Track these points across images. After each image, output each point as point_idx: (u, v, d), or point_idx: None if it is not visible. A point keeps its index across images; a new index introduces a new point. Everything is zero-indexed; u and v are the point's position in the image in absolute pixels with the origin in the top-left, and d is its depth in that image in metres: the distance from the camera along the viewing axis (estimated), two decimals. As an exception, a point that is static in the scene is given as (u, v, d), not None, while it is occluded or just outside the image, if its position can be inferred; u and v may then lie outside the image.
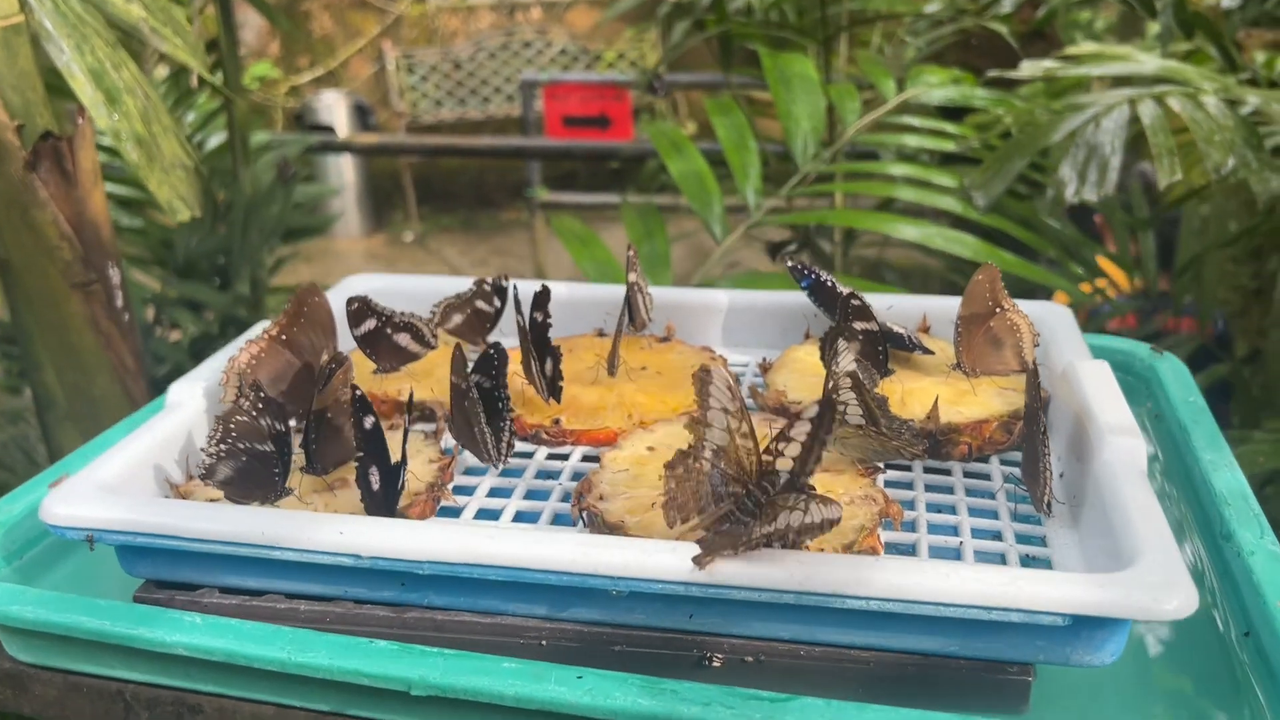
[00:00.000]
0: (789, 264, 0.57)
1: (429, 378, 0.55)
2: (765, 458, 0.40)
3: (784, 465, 0.39)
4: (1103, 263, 1.41)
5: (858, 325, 0.51)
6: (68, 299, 0.80)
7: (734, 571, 0.36)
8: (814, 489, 0.39)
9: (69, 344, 0.82)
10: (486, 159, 4.61)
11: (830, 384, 0.44)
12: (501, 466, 0.48)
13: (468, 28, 4.64)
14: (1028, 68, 1.24)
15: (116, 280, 0.82)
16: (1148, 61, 1.24)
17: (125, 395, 0.86)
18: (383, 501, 0.42)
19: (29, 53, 0.75)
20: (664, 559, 0.36)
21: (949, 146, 1.14)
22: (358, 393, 0.43)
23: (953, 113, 1.28)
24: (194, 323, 1.69)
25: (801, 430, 0.39)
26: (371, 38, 4.56)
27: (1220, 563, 0.42)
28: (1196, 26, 1.27)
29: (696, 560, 0.36)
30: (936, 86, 1.22)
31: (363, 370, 0.55)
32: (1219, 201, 1.54)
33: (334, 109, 4.22)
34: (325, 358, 0.50)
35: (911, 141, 1.15)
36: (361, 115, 4.27)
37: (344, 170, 4.23)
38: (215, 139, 1.71)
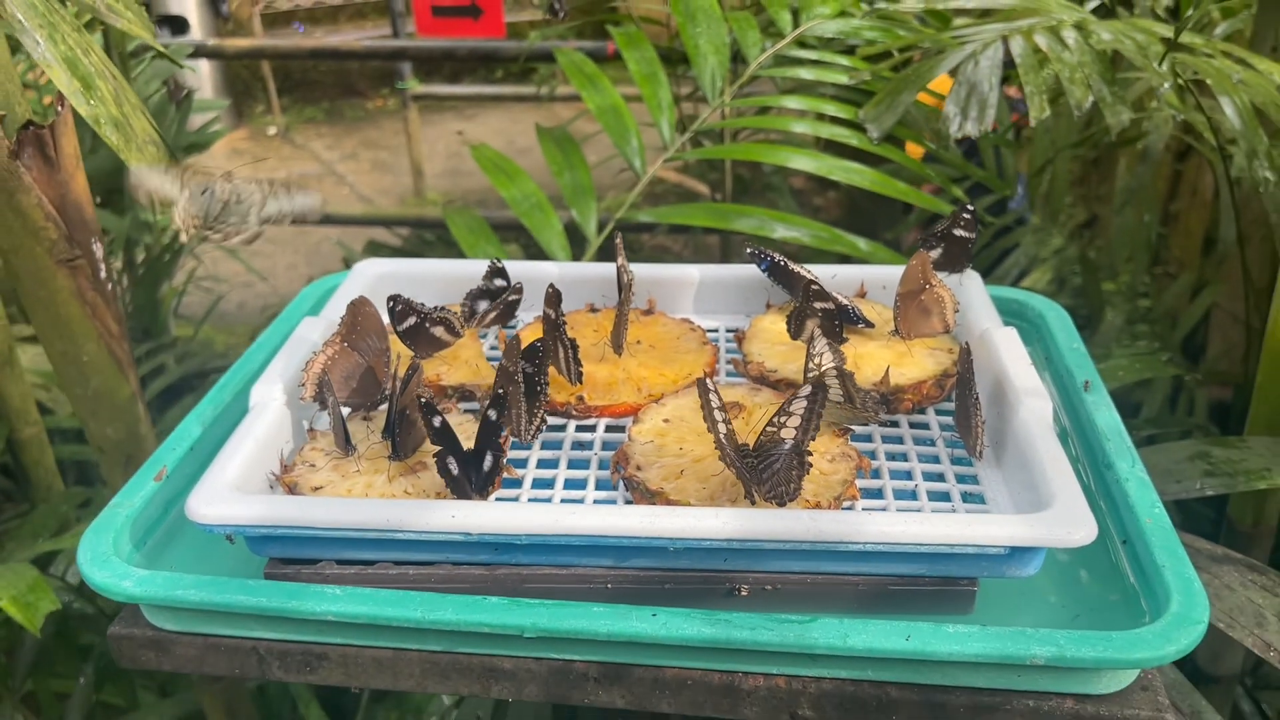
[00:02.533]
0: (749, 250, 0.68)
1: (456, 360, 0.64)
2: (769, 429, 0.52)
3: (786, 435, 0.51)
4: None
5: (817, 305, 0.62)
6: (54, 275, 0.85)
7: (764, 528, 0.48)
8: (810, 452, 0.51)
9: (57, 316, 0.87)
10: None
11: (813, 370, 0.56)
12: (529, 441, 0.58)
13: (319, -93, 4.43)
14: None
15: (99, 254, 0.87)
16: (1013, -10, 1.36)
17: (111, 358, 0.91)
18: (468, 483, 0.52)
19: (4, 46, 0.78)
20: (712, 523, 0.48)
21: (843, 79, 1.24)
22: (424, 399, 0.52)
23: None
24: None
25: (799, 406, 0.51)
26: (216, -81, 4.31)
27: (1103, 486, 0.56)
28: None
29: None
30: (829, 18, 1.32)
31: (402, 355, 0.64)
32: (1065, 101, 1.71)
33: (183, -4, 4.01)
34: (395, 363, 0.59)
35: (808, 75, 1.25)
36: (213, 3, 4.08)
37: (199, 60, 4.04)
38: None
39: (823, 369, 0.56)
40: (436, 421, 0.52)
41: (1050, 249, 1.91)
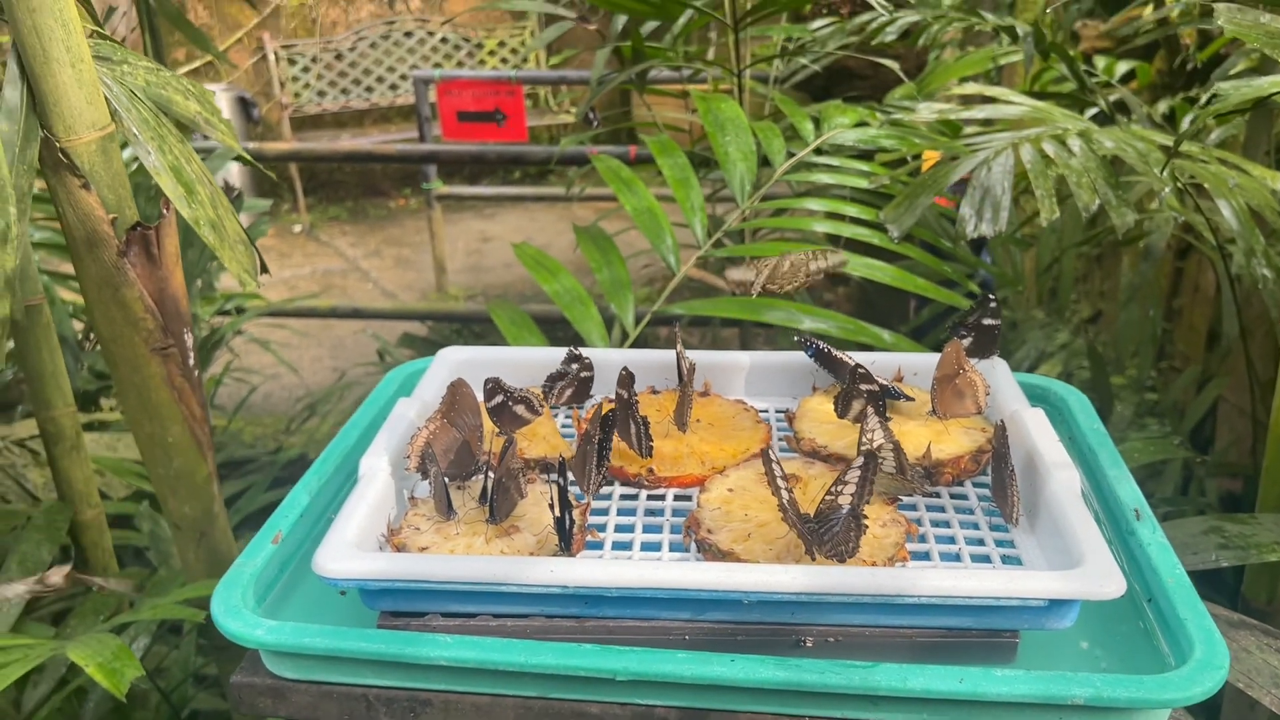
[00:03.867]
0: (796, 338, 0.75)
1: (535, 436, 0.71)
2: (827, 497, 0.58)
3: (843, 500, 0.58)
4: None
5: (863, 386, 0.69)
6: (148, 362, 0.92)
7: (829, 582, 0.54)
8: (866, 516, 0.58)
9: (148, 400, 0.94)
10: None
11: (866, 444, 0.63)
12: (590, 492, 0.64)
13: (347, 18, 4.65)
14: (923, 110, 1.44)
15: (189, 343, 0.94)
16: (1020, 102, 1.46)
17: (193, 440, 0.98)
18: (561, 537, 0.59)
19: (119, 155, 0.87)
20: (783, 578, 0.54)
21: (863, 183, 1.33)
22: (520, 469, 0.59)
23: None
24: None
25: (854, 475, 0.57)
26: (249, 28, 4.52)
27: (1128, 550, 0.62)
28: (1052, 52, 1.50)
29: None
30: (848, 127, 1.41)
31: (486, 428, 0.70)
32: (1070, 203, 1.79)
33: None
34: (493, 440, 0.65)
35: (829, 179, 1.34)
36: (245, 109, 4.25)
37: (230, 162, 4.20)
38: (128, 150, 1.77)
39: (875, 444, 0.62)
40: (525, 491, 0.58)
41: (1057, 343, 1.99)
